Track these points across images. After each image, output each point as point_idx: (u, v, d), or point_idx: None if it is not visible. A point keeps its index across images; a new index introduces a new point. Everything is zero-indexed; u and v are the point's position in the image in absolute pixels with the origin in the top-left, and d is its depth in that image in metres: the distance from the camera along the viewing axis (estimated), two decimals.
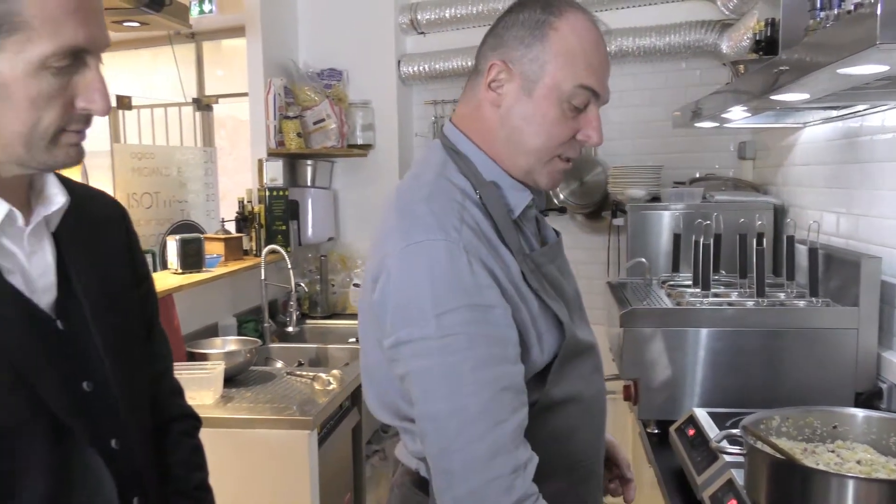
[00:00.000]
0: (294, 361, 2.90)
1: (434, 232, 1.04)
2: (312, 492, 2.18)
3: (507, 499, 0.98)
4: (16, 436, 0.85)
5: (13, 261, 0.89)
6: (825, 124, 2.49)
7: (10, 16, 0.79)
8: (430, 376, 1.02)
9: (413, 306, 1.02)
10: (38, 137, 0.84)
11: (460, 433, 1.00)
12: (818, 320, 1.91)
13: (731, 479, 1.39)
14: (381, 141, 3.82)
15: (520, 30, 1.11)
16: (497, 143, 1.15)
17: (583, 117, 1.13)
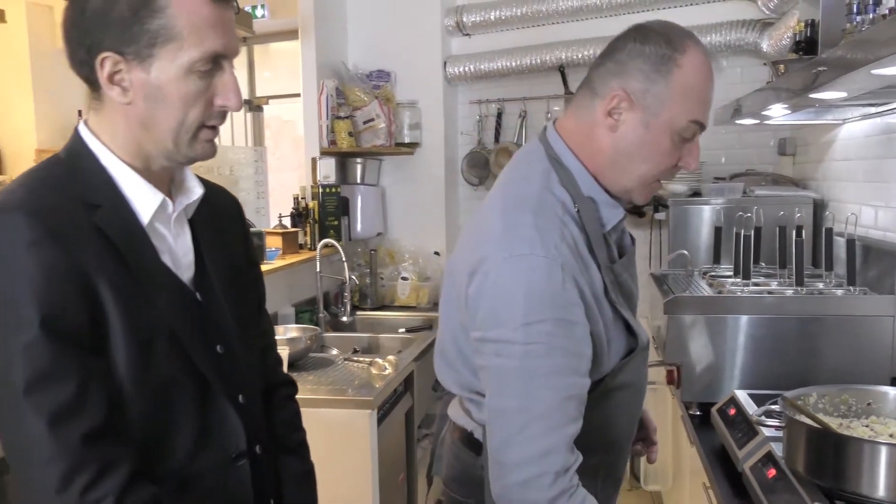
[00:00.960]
0: (348, 349, 3.05)
1: (537, 248, 1.12)
2: (373, 468, 2.32)
3: (550, 493, 1.10)
4: (173, 389, 1.01)
5: (164, 242, 1.05)
6: (864, 120, 2.56)
7: (166, 29, 0.95)
8: (508, 375, 1.12)
9: (506, 311, 1.11)
10: (184, 132, 1.00)
11: (523, 430, 1.10)
12: (855, 308, 1.99)
13: (770, 451, 1.50)
14: (428, 139, 3.96)
15: (644, 63, 1.16)
16: (604, 164, 1.22)
17: (686, 146, 1.22)
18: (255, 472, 1.12)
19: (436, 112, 3.95)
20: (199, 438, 1.04)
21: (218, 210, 1.18)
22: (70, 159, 1.02)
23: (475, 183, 4.04)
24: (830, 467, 1.31)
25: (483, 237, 1.20)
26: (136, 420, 0.97)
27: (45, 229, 0.91)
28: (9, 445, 0.94)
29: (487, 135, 4.02)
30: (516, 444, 1.11)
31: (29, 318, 0.89)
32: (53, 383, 0.89)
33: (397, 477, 2.72)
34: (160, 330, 1.00)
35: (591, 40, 3.66)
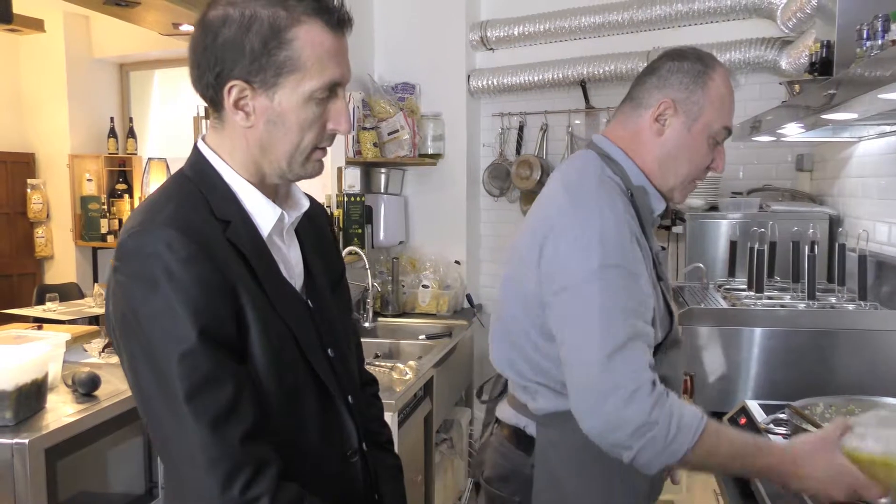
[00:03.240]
0: (370, 354, 3.13)
1: (605, 209, 1.28)
2: None
3: (651, 400, 1.17)
4: (299, 393, 1.08)
5: (280, 253, 1.12)
6: (880, 139, 2.61)
7: (292, 60, 1.02)
8: (588, 314, 1.21)
9: (583, 256, 1.23)
10: (299, 154, 1.07)
11: (611, 357, 1.18)
12: (866, 322, 2.04)
13: None
14: (450, 151, 4.05)
15: (684, 77, 1.37)
16: (652, 166, 1.40)
17: (716, 150, 1.41)
18: (364, 467, 1.19)
19: (459, 124, 4.04)
20: (322, 438, 1.10)
21: (314, 220, 1.24)
22: (197, 176, 1.08)
23: (496, 194, 4.12)
24: None
25: (549, 212, 1.34)
26: (274, 423, 1.03)
27: (198, 245, 0.97)
28: (170, 451, 0.99)
29: (509, 147, 4.09)
30: (608, 370, 1.18)
31: (188, 330, 0.94)
32: (213, 389, 0.95)
33: (416, 478, 2.80)
34: (287, 338, 1.06)
35: (612, 56, 3.74)
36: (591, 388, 1.19)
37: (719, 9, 3.47)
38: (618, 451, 1.19)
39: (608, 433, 1.18)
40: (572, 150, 3.93)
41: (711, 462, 1.23)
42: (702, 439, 1.18)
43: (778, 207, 3.03)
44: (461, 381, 3.69)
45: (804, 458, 1.20)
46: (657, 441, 1.16)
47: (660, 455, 1.17)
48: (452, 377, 3.37)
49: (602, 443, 1.20)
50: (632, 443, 1.16)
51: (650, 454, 1.17)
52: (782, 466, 1.21)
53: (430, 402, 2.93)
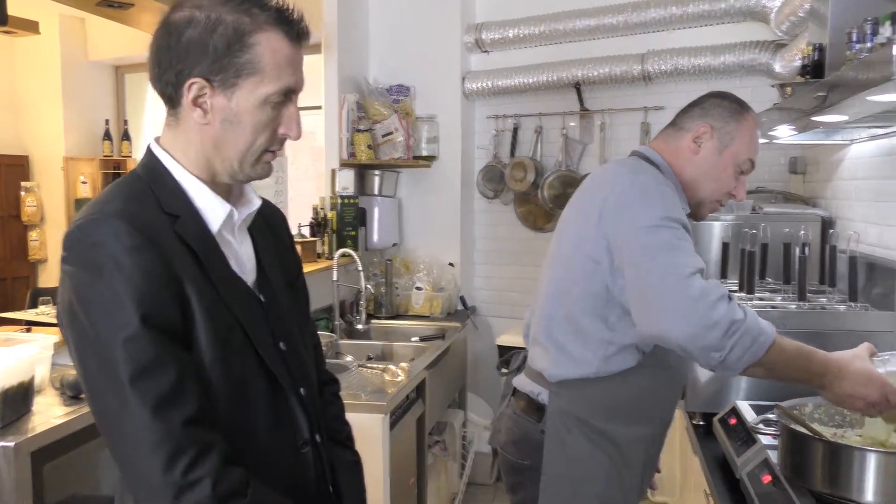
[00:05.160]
0: (363, 356, 3.13)
1: (663, 183, 1.52)
2: (384, 471, 2.40)
3: (730, 304, 1.33)
4: (247, 383, 1.11)
5: (230, 249, 1.15)
6: (871, 141, 2.62)
7: (252, 64, 1.07)
8: (663, 250, 1.39)
9: (649, 205, 1.44)
10: (250, 155, 1.11)
11: (689, 277, 1.35)
12: (856, 323, 2.05)
13: (766, 458, 1.56)
14: (445, 153, 4.05)
15: (723, 111, 1.63)
16: (685, 177, 1.63)
17: (740, 179, 1.65)
18: (317, 458, 1.22)
19: (453, 126, 4.04)
20: (271, 428, 1.13)
21: (269, 220, 1.29)
22: (147, 174, 1.12)
23: (490, 196, 4.13)
24: (822, 473, 1.37)
25: (609, 181, 1.55)
26: (221, 412, 1.06)
27: (144, 236, 1.01)
28: (114, 434, 1.01)
29: (503, 149, 4.10)
30: (692, 283, 1.33)
31: (131, 317, 0.98)
32: (156, 374, 0.98)
33: (408, 481, 2.79)
34: (234, 329, 1.09)
35: (607, 58, 3.75)
36: (680, 299, 1.33)
37: (713, 12, 3.48)
38: (709, 355, 1.32)
39: (701, 336, 1.30)
40: (567, 152, 3.93)
41: (782, 359, 1.36)
42: (778, 337, 1.34)
43: (770, 209, 3.03)
44: (454, 383, 3.69)
45: (846, 364, 1.37)
46: (746, 337, 1.30)
47: (748, 350, 1.31)
48: (445, 379, 3.37)
49: (695, 347, 1.32)
50: (724, 342, 1.30)
51: (740, 350, 1.30)
52: (829, 370, 1.37)
53: (423, 404, 2.93)
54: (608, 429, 1.53)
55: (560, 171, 3.91)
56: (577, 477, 1.53)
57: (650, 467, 1.64)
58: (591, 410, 1.53)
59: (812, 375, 1.38)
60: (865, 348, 1.42)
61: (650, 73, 3.65)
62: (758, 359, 1.32)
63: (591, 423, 1.53)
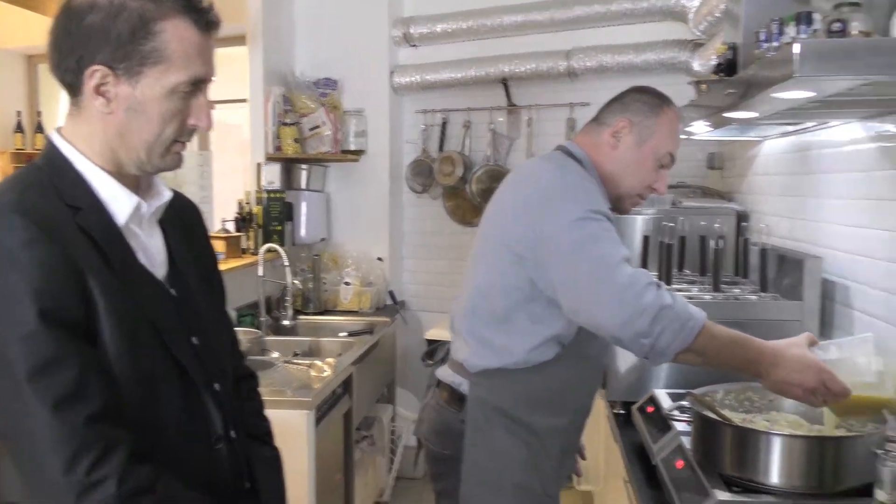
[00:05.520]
0: (289, 352, 3.08)
1: (587, 178, 1.56)
2: (310, 468, 2.37)
3: (658, 289, 1.37)
4: (156, 378, 1.07)
5: (138, 242, 1.12)
6: (782, 138, 2.72)
7: (158, 52, 1.03)
8: (585, 243, 1.41)
9: (573, 206, 1.45)
10: (158, 145, 1.08)
11: (617, 265, 1.38)
12: (766, 313, 2.13)
13: (680, 444, 1.61)
14: (373, 147, 4.03)
15: (643, 105, 1.64)
16: (605, 172, 1.64)
17: (660, 173, 1.66)
18: (232, 455, 1.19)
19: (382, 120, 4.02)
20: (182, 423, 1.10)
21: (181, 213, 1.25)
22: (47, 165, 1.08)
23: (419, 190, 4.12)
24: (730, 457, 1.42)
25: (533, 176, 1.59)
26: (128, 406, 1.03)
27: (40, 228, 0.97)
28: (13, 435, 0.98)
29: (432, 144, 4.10)
30: (621, 271, 1.37)
31: (28, 313, 0.94)
32: (55, 371, 0.95)
33: (334, 476, 2.77)
34: (142, 322, 1.06)
35: (533, 54, 3.79)
36: (609, 287, 1.35)
37: (635, 10, 3.56)
38: (639, 342, 1.34)
39: (630, 323, 1.32)
40: (495, 147, 3.96)
41: (714, 345, 1.37)
42: (707, 323, 1.36)
43: (689, 204, 3.12)
44: (383, 377, 3.68)
45: (782, 352, 1.38)
46: (674, 322, 1.32)
47: (677, 335, 1.32)
48: (374, 374, 3.35)
49: (625, 335, 1.34)
50: (653, 328, 1.31)
51: (669, 336, 1.32)
52: (764, 357, 1.38)
53: (350, 400, 2.91)
54: (526, 418, 1.55)
55: (488, 165, 3.94)
56: (496, 465, 1.55)
57: (569, 455, 1.67)
58: (510, 400, 1.55)
59: (747, 363, 1.39)
60: (804, 337, 1.43)
61: (576, 70, 3.71)
62: (687, 344, 1.34)
63: (509, 413, 1.55)
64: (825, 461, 1.35)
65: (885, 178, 1.91)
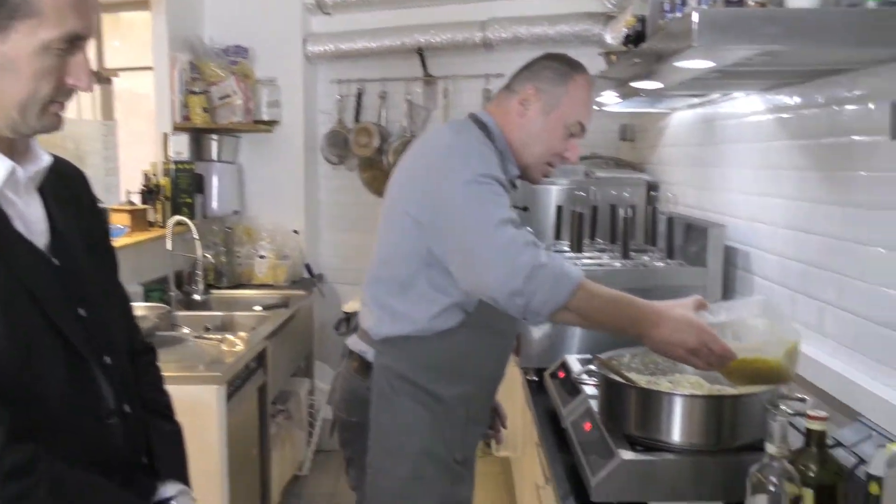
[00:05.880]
0: (200, 327, 3.00)
1: (481, 142, 1.52)
2: (221, 443, 2.32)
3: (536, 248, 1.36)
4: (38, 350, 1.01)
5: (14, 209, 1.05)
6: (689, 110, 2.80)
7: (28, 4, 0.95)
8: (474, 204, 1.39)
9: (463, 170, 1.43)
10: (33, 105, 1.00)
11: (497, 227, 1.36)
12: (673, 279, 2.20)
13: (588, 408, 1.65)
14: (287, 117, 3.94)
15: (551, 73, 1.62)
16: (513, 139, 1.62)
17: (570, 141, 1.64)
18: (126, 430, 1.14)
19: (295, 90, 3.93)
20: (68, 398, 1.05)
21: (65, 181, 1.18)
22: None
23: (335, 162, 4.06)
24: (635, 418, 1.46)
25: (429, 145, 1.58)
26: (5, 381, 0.97)
27: None
28: None
29: (347, 114, 4.04)
30: (500, 232, 1.35)
31: None
32: None
33: (249, 451, 2.73)
34: (18, 293, 1.00)
35: (449, 25, 3.76)
36: (488, 248, 1.34)
37: None
38: (514, 301, 1.32)
39: (505, 283, 1.31)
40: (412, 118, 3.93)
41: (592, 305, 1.36)
42: (584, 283, 1.34)
43: (602, 174, 3.18)
44: (299, 351, 3.63)
45: (664, 311, 1.37)
46: (547, 281, 1.30)
47: (551, 294, 1.30)
48: (289, 348, 3.31)
49: (501, 294, 1.32)
50: (527, 286, 1.30)
51: (543, 294, 1.30)
52: (646, 317, 1.36)
53: (265, 374, 2.86)
54: (430, 386, 1.55)
55: (405, 136, 3.91)
56: (401, 432, 1.55)
57: (477, 423, 1.68)
58: (414, 368, 1.55)
59: (629, 322, 1.37)
60: (692, 300, 1.42)
61: (491, 41, 3.70)
62: (562, 303, 1.32)
63: (413, 380, 1.55)
64: (723, 419, 1.41)
65: (782, 147, 1.99)
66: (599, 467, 1.40)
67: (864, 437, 1.44)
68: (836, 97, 1.69)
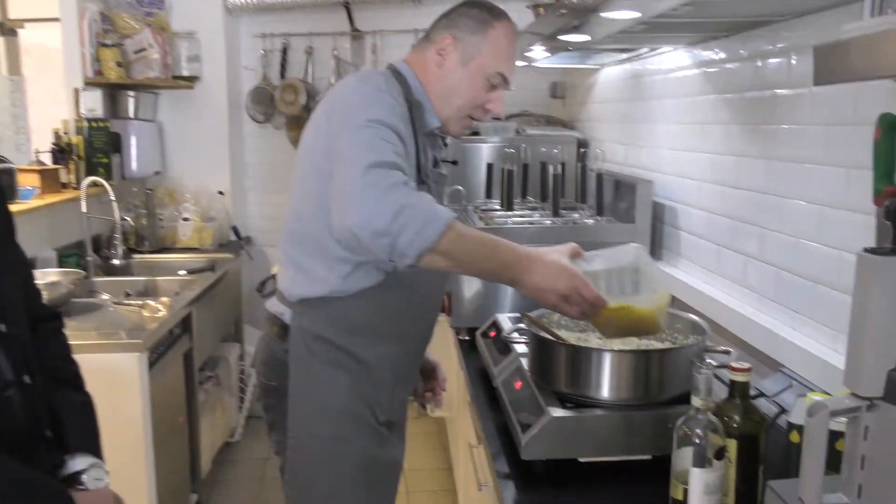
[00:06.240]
0: (121, 293, 2.88)
1: (385, 87, 1.42)
2: (144, 412, 2.24)
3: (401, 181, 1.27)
4: None
5: None
6: (618, 66, 2.79)
7: None
8: (357, 145, 1.31)
9: (360, 110, 1.35)
10: None
11: (354, 176, 1.27)
12: (602, 235, 2.20)
13: (519, 366, 1.64)
14: (209, 73, 3.77)
15: (469, 21, 1.51)
16: (432, 91, 1.53)
17: (493, 93, 1.54)
18: (26, 402, 1.08)
19: (216, 44, 3.76)
20: None
21: None
22: None
23: (261, 120, 3.93)
24: (565, 375, 1.45)
25: (336, 91, 1.47)
26: None
27: None
28: None
29: (273, 70, 3.90)
30: (370, 173, 1.26)
31: None
32: None
33: (176, 420, 2.65)
34: None
35: None
36: (354, 187, 1.26)
37: None
38: (378, 241, 1.24)
39: (369, 222, 1.23)
40: (339, 74, 3.82)
41: (462, 247, 1.29)
42: (454, 224, 1.27)
43: (532, 132, 3.16)
44: (228, 316, 3.54)
45: (537, 257, 1.32)
46: (415, 221, 1.23)
47: (418, 234, 1.23)
48: (217, 312, 3.21)
49: (365, 234, 1.24)
50: (392, 226, 1.22)
51: (410, 234, 1.23)
52: (519, 262, 1.31)
53: (190, 339, 2.77)
54: (350, 348, 1.50)
55: None
56: (320, 392, 1.50)
57: (404, 383, 1.64)
58: (333, 329, 1.49)
59: (501, 266, 1.32)
60: (568, 247, 1.39)
61: None
62: (431, 244, 1.24)
63: (332, 342, 1.50)
64: (650, 373, 1.41)
65: (707, 102, 2.00)
66: (529, 425, 1.39)
67: (785, 386, 1.48)
68: (760, 50, 1.70)
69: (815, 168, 1.50)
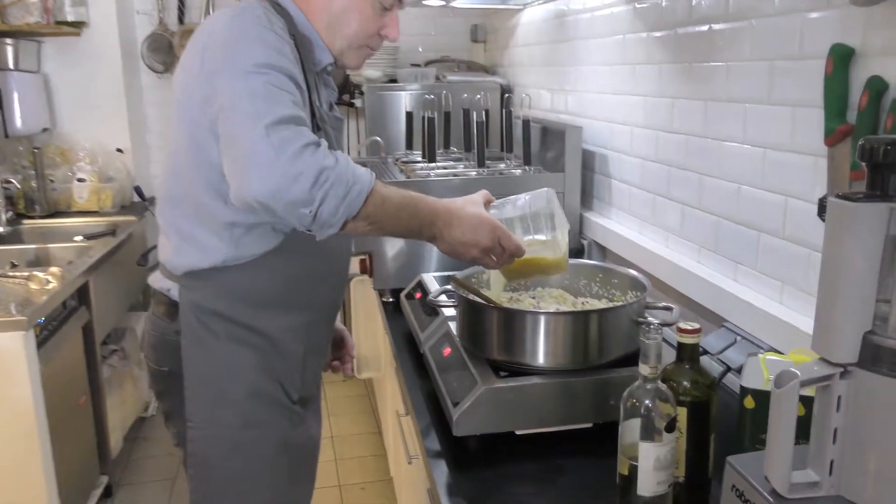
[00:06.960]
0: (6, 264, 2.61)
1: (265, 21, 1.21)
2: (35, 395, 2.03)
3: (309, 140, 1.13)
4: None
5: None
6: (542, 6, 2.64)
7: None
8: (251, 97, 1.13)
9: (244, 55, 1.16)
10: None
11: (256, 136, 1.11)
12: (530, 186, 2.05)
13: (447, 331, 1.51)
14: (97, 18, 3.42)
15: None
16: (321, 25, 1.35)
17: (387, 17, 1.37)
18: None
19: None
20: None
21: None
22: None
23: (160, 70, 3.62)
24: (497, 341, 1.33)
25: (206, 29, 1.25)
26: None
27: None
28: None
29: (170, 14, 3.59)
30: (275, 132, 1.11)
31: None
32: None
33: (78, 399, 2.43)
34: None
35: None
36: (259, 150, 1.10)
37: None
38: (298, 212, 1.11)
39: (285, 191, 1.09)
40: None
41: (385, 211, 1.18)
42: (377, 186, 1.17)
43: (453, 78, 3.00)
44: (133, 283, 3.28)
45: (457, 210, 1.25)
46: (338, 187, 1.11)
47: (343, 201, 1.12)
48: (120, 280, 2.96)
49: (280, 205, 1.10)
50: (313, 193, 1.10)
51: (334, 201, 1.11)
52: (438, 219, 1.24)
53: (89, 312, 2.54)
54: (252, 321, 1.32)
55: None
56: (222, 375, 1.33)
57: (316, 355, 1.47)
58: (229, 302, 1.31)
59: (422, 225, 1.23)
60: (481, 195, 1.32)
61: None
62: (356, 211, 1.13)
63: (230, 317, 1.32)
64: (589, 335, 1.30)
65: (638, 41, 1.88)
66: (461, 398, 1.27)
67: (729, 343, 1.40)
68: None
69: (757, 108, 1.40)
